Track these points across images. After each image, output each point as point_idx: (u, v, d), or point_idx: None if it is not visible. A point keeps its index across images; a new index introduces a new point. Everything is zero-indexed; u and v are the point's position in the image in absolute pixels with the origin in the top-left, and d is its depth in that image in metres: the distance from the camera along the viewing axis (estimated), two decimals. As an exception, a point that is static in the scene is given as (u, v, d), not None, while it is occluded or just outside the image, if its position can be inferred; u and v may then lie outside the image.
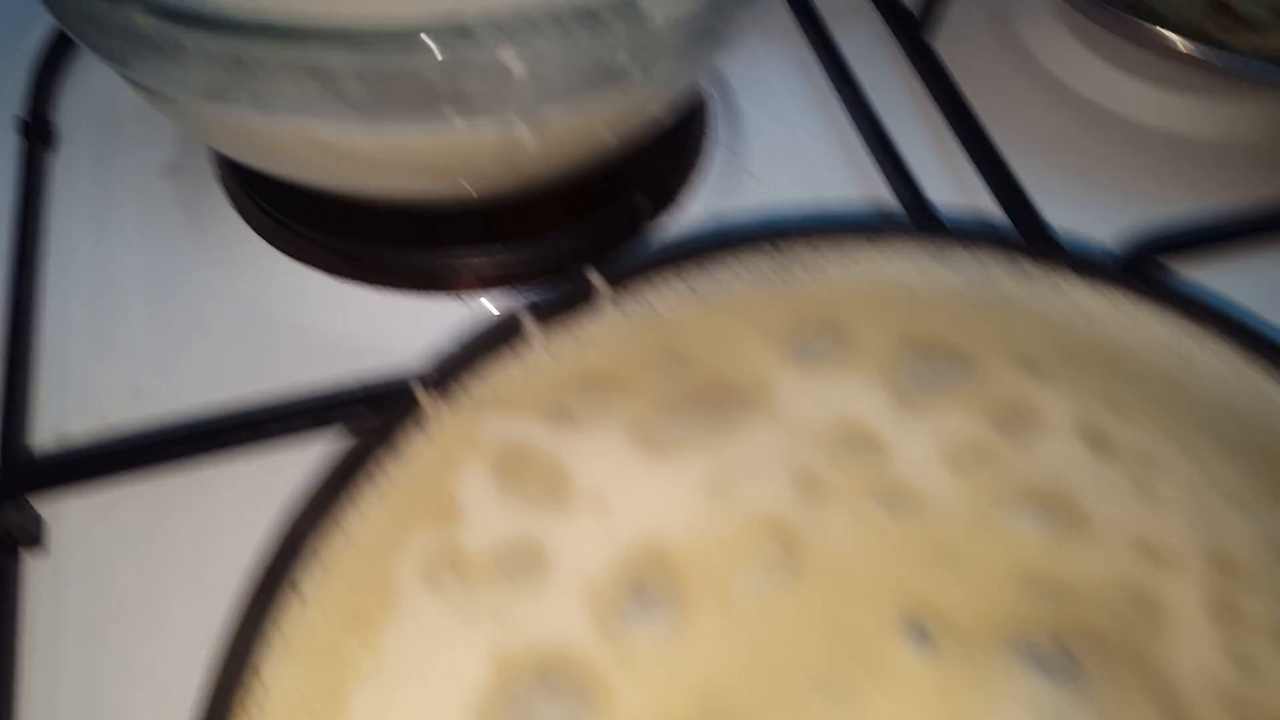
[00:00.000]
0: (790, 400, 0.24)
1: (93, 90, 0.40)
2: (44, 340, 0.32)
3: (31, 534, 0.27)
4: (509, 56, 0.23)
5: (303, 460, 0.24)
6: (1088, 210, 0.35)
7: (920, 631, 0.21)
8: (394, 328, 0.32)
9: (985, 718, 0.20)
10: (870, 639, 0.21)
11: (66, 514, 0.28)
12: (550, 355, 0.25)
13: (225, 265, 0.34)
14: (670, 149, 0.35)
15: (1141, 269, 0.31)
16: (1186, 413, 0.25)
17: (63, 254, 0.34)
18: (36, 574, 0.27)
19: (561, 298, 0.25)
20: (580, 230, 0.33)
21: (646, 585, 0.22)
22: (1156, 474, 0.24)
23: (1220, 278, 0.32)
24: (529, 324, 0.25)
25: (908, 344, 0.26)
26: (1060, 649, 0.21)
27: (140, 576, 0.27)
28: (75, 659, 0.26)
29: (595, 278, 0.25)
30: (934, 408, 0.24)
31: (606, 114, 0.26)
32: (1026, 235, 0.32)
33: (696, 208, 0.36)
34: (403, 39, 0.22)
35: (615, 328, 0.25)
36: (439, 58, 0.23)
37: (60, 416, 0.30)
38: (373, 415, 0.24)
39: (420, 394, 0.23)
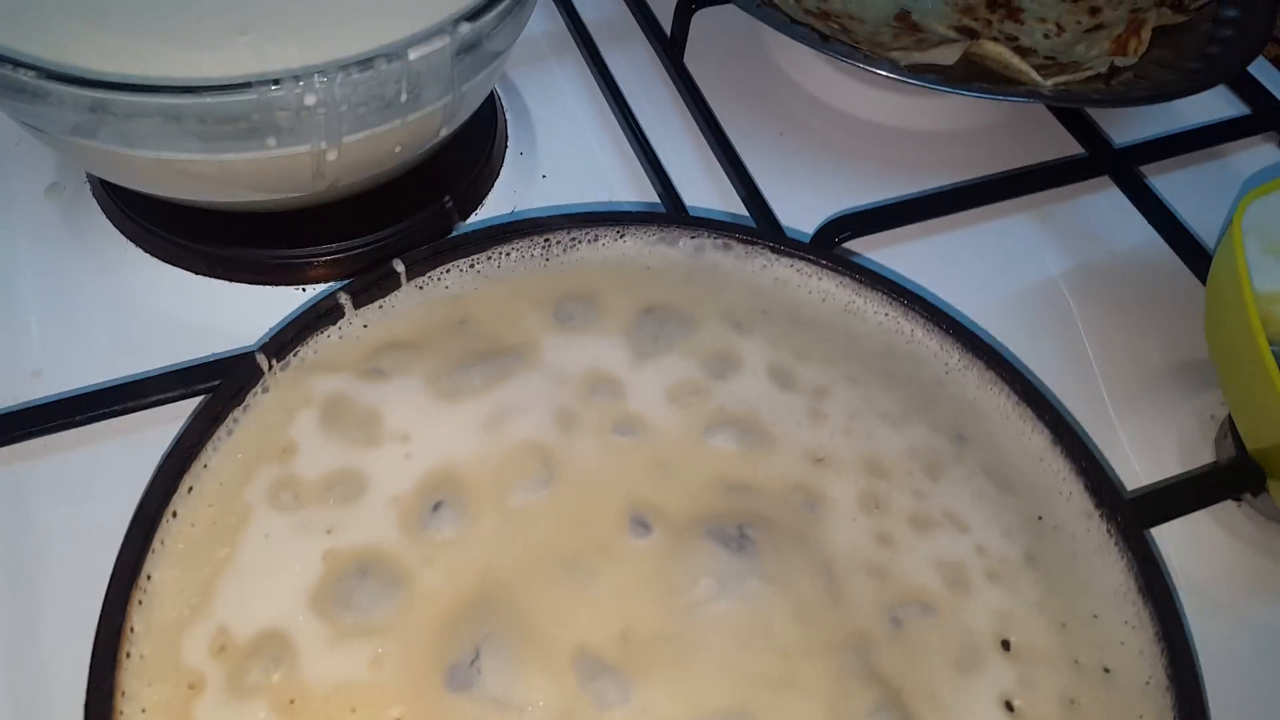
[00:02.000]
0: (554, 356, 0.33)
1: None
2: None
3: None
4: (309, 98, 0.31)
5: (175, 419, 0.32)
6: (812, 199, 0.45)
7: (642, 524, 0.30)
8: (244, 314, 0.40)
9: (682, 581, 0.29)
10: (606, 531, 0.30)
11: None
12: (364, 326, 0.33)
13: (102, 268, 0.41)
14: (473, 155, 0.44)
15: (826, 245, 0.41)
16: (856, 355, 0.35)
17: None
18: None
19: (372, 281, 0.33)
20: (400, 231, 0.41)
21: (442, 501, 0.30)
22: (828, 402, 0.34)
23: (889, 251, 0.43)
24: (346, 303, 0.33)
25: (645, 310, 0.35)
26: (740, 533, 0.30)
27: (52, 519, 0.34)
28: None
29: (398, 265, 0.33)
30: (662, 358, 0.34)
31: (396, 133, 0.34)
32: (759, 222, 0.42)
33: (497, 206, 0.45)
34: (231, 88, 0.30)
35: (415, 303, 0.34)
36: (257, 101, 0.30)
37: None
38: (226, 380, 0.31)
39: (262, 361, 0.31)
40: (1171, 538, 0.35)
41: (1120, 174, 0.46)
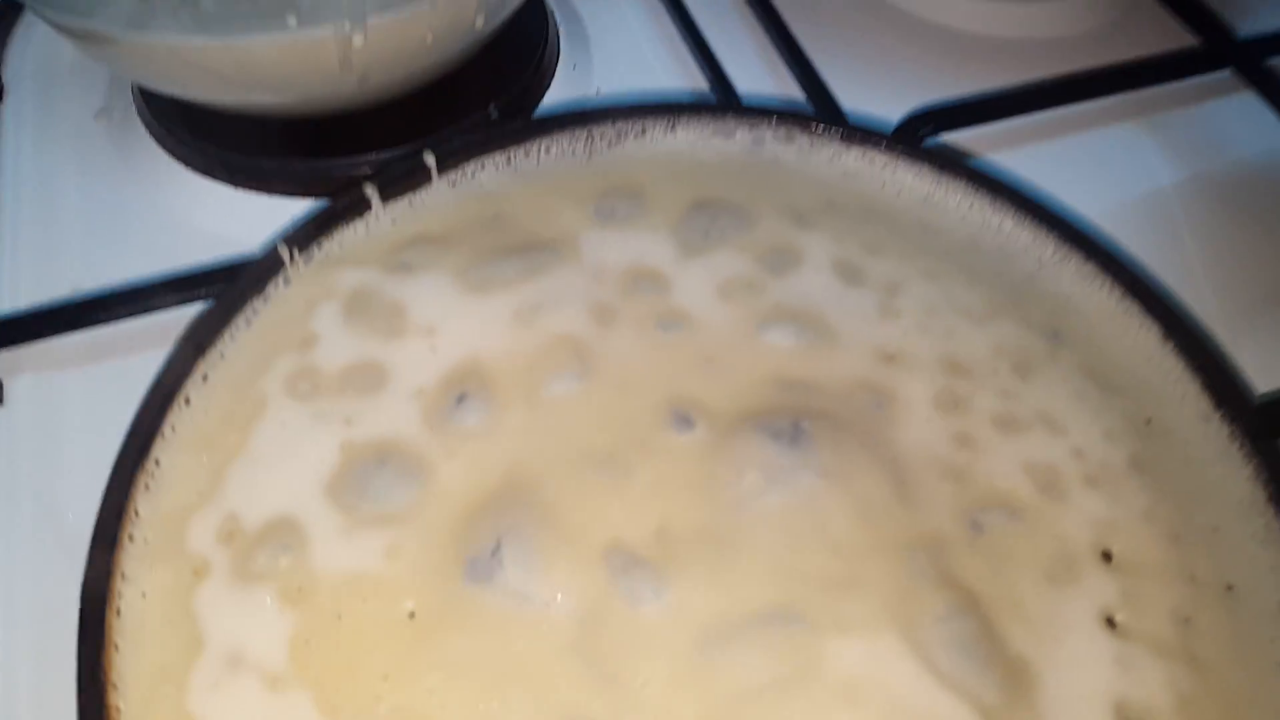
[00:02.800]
0: (593, 251, 0.32)
1: (33, 51, 0.48)
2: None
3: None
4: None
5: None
6: (875, 94, 0.42)
7: (685, 420, 0.28)
8: (281, 226, 0.38)
9: (727, 475, 0.27)
10: (644, 427, 0.28)
11: (19, 371, 0.35)
12: (392, 222, 0.32)
13: (146, 184, 0.41)
14: (519, 65, 0.42)
15: (903, 137, 0.38)
16: (934, 249, 0.32)
17: (10, 186, 0.42)
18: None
19: (401, 174, 0.32)
20: (438, 141, 0.39)
21: (467, 393, 0.29)
22: (901, 298, 0.31)
23: (977, 144, 0.40)
24: (373, 196, 0.32)
25: (696, 205, 0.33)
26: (794, 426, 0.27)
27: (82, 418, 0.34)
28: (31, 481, 0.33)
29: (429, 157, 0.32)
30: (713, 253, 0.32)
31: (426, 19, 0.33)
32: (821, 114, 0.39)
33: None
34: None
35: (447, 199, 0.33)
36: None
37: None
38: (246, 272, 0.30)
39: (284, 252, 0.30)
40: None
41: (1247, 68, 0.42)
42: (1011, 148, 0.41)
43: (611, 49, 0.47)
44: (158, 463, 0.28)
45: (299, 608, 0.25)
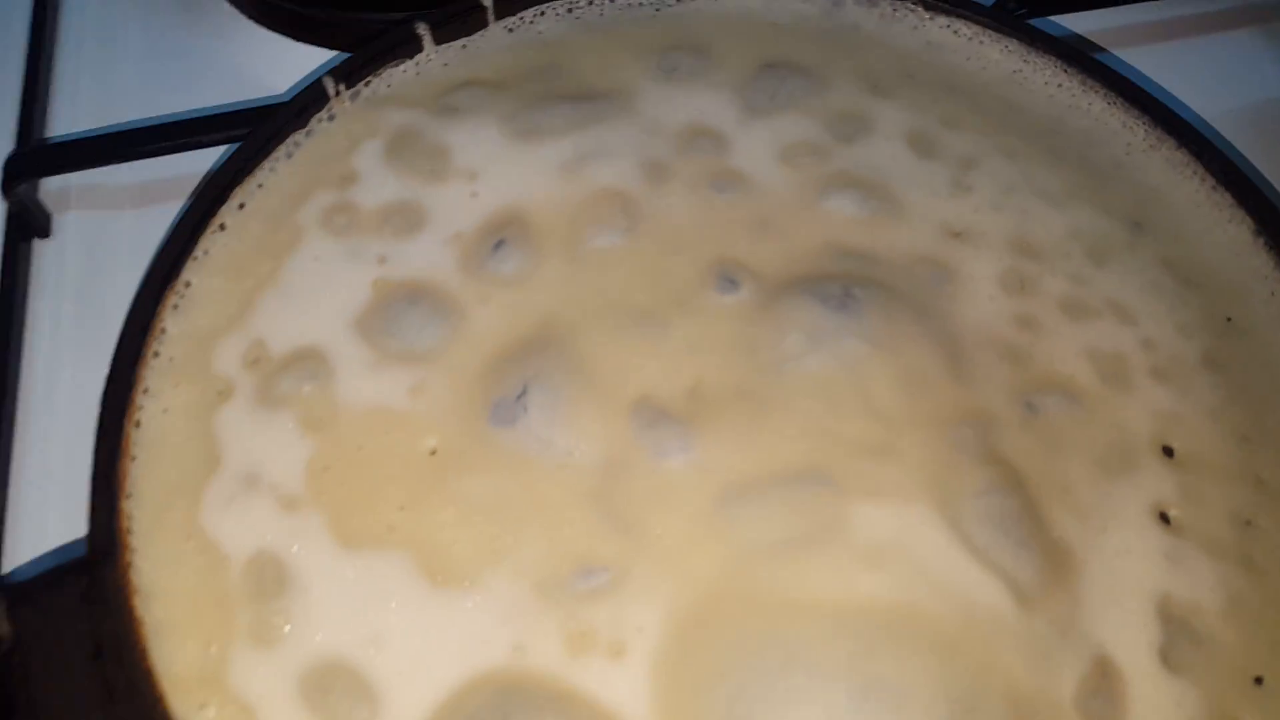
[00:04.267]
0: (649, 105, 0.31)
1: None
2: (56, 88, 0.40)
3: (40, 222, 0.35)
4: None
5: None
6: None
7: (730, 281, 0.28)
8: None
9: (769, 336, 0.26)
10: (687, 286, 0.28)
11: (68, 207, 0.36)
12: (443, 65, 0.32)
13: (205, 28, 0.42)
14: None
15: (995, 11, 0.36)
16: (1016, 127, 0.32)
17: (75, 22, 0.42)
18: (42, 258, 0.35)
19: (455, 14, 0.32)
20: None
21: (505, 240, 0.29)
22: (975, 174, 0.30)
23: (1077, 24, 0.38)
24: (425, 35, 0.32)
25: (765, 65, 0.32)
26: (845, 292, 0.27)
27: (125, 255, 0.34)
28: (74, 309, 0.34)
29: (487, 0, 0.31)
30: (778, 115, 0.31)
31: None
32: None
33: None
34: None
35: (502, 45, 0.33)
36: None
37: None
38: (289, 104, 0.31)
39: (329, 85, 0.30)
40: None
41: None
42: (1117, 44, 0.40)
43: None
44: (188, 284, 0.28)
45: (319, 435, 0.26)
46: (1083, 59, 0.32)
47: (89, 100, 0.40)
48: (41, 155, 0.37)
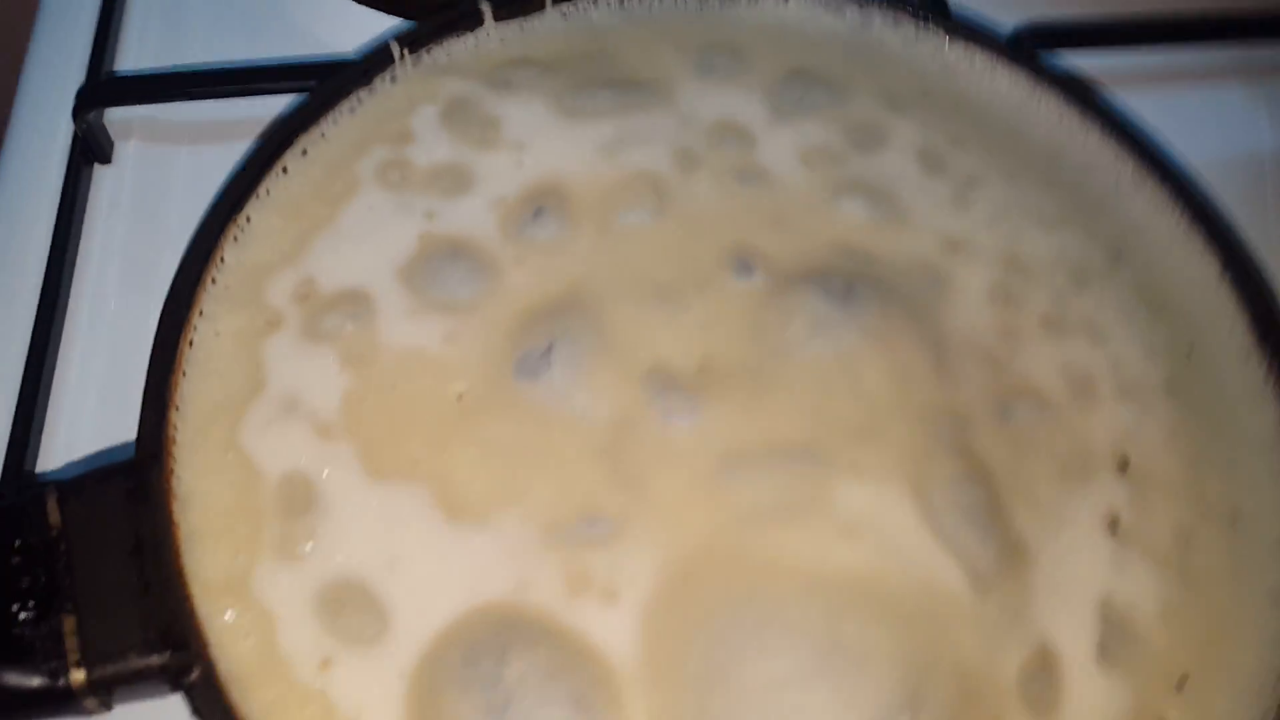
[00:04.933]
0: (687, 99, 0.30)
1: None
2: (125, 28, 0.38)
3: (104, 148, 0.34)
4: None
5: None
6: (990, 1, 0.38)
7: (746, 267, 0.27)
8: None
9: (776, 321, 0.26)
10: (707, 267, 0.27)
11: (130, 136, 0.35)
12: (500, 40, 0.31)
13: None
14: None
15: (1011, 45, 0.35)
16: (1019, 152, 0.31)
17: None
18: (101, 183, 0.34)
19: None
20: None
21: (544, 208, 0.28)
22: (977, 192, 0.29)
23: (1087, 74, 0.36)
24: (487, 12, 0.30)
25: (794, 73, 0.31)
26: (848, 287, 0.26)
27: (181, 188, 0.34)
28: (130, 234, 0.33)
29: (548, -15, 0.30)
30: (802, 120, 0.30)
31: None
32: (933, 7, 0.36)
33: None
34: None
35: (556, 29, 0.31)
36: None
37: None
38: (356, 63, 0.30)
39: (395, 49, 0.29)
40: None
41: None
42: (1121, 85, 0.38)
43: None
44: (248, 219, 0.27)
45: (358, 371, 0.25)
46: (1084, 95, 0.31)
47: (157, 41, 0.38)
48: (116, 85, 0.36)
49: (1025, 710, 0.21)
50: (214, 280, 0.26)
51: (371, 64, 0.30)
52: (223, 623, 0.22)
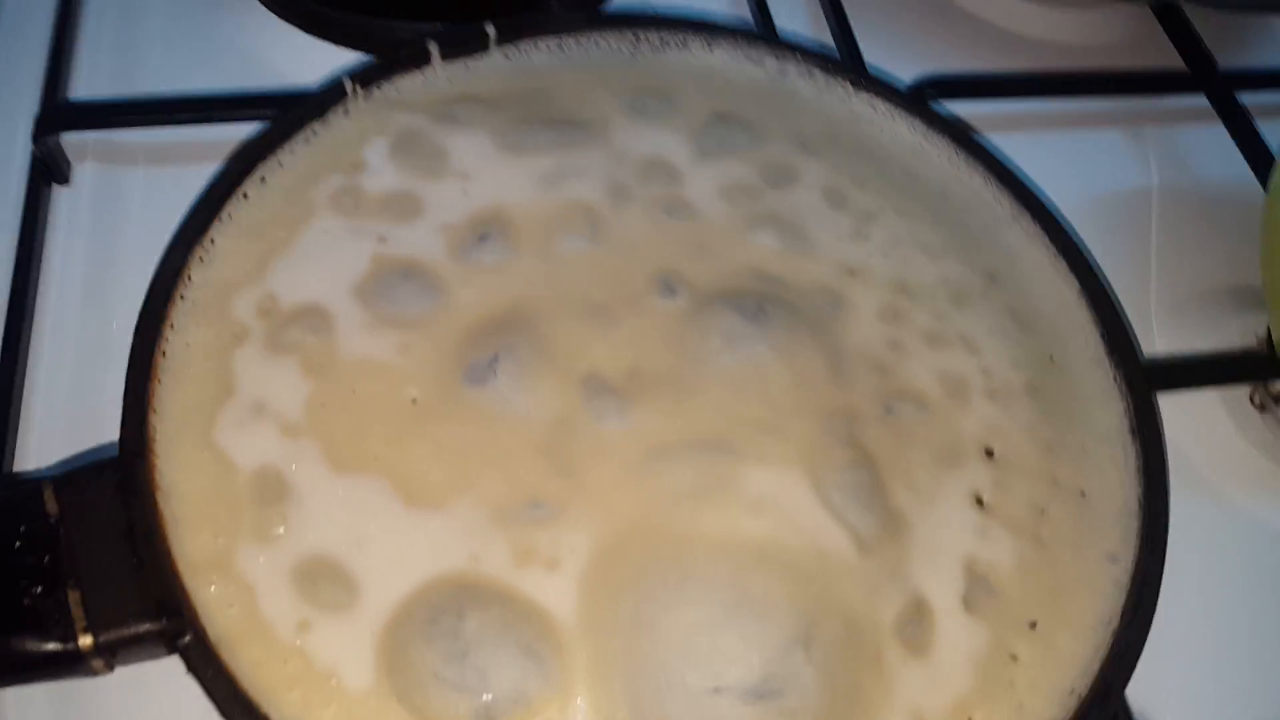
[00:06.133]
0: (619, 138, 0.37)
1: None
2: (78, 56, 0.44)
3: (61, 169, 0.39)
4: None
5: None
6: (896, 56, 0.47)
7: (670, 288, 0.34)
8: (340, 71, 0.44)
9: (696, 336, 0.32)
10: (636, 289, 0.34)
11: (86, 158, 0.40)
12: (447, 78, 0.37)
13: (228, 15, 0.46)
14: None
15: (909, 95, 0.43)
16: (911, 192, 0.38)
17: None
18: (59, 203, 0.40)
19: (462, 38, 0.37)
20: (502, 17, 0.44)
21: (489, 234, 0.34)
22: (873, 226, 0.37)
23: (976, 121, 0.45)
24: (434, 52, 0.37)
25: (717, 116, 0.38)
26: (759, 307, 0.33)
27: (138, 210, 0.40)
28: (89, 252, 0.38)
29: (490, 29, 0.37)
30: (723, 159, 0.37)
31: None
32: (842, 60, 0.45)
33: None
34: None
35: (499, 69, 0.38)
36: None
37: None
38: (312, 97, 0.36)
39: (347, 85, 0.35)
40: (1178, 417, 0.37)
41: (1219, 98, 0.48)
42: (1005, 130, 0.47)
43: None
44: (213, 241, 0.33)
45: (319, 377, 0.31)
46: (968, 142, 0.39)
47: (109, 68, 0.44)
48: (78, 110, 0.42)
49: (901, 648, 0.28)
50: (183, 296, 0.32)
51: (326, 98, 0.36)
52: (209, 594, 0.27)
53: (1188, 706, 0.35)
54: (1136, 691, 0.30)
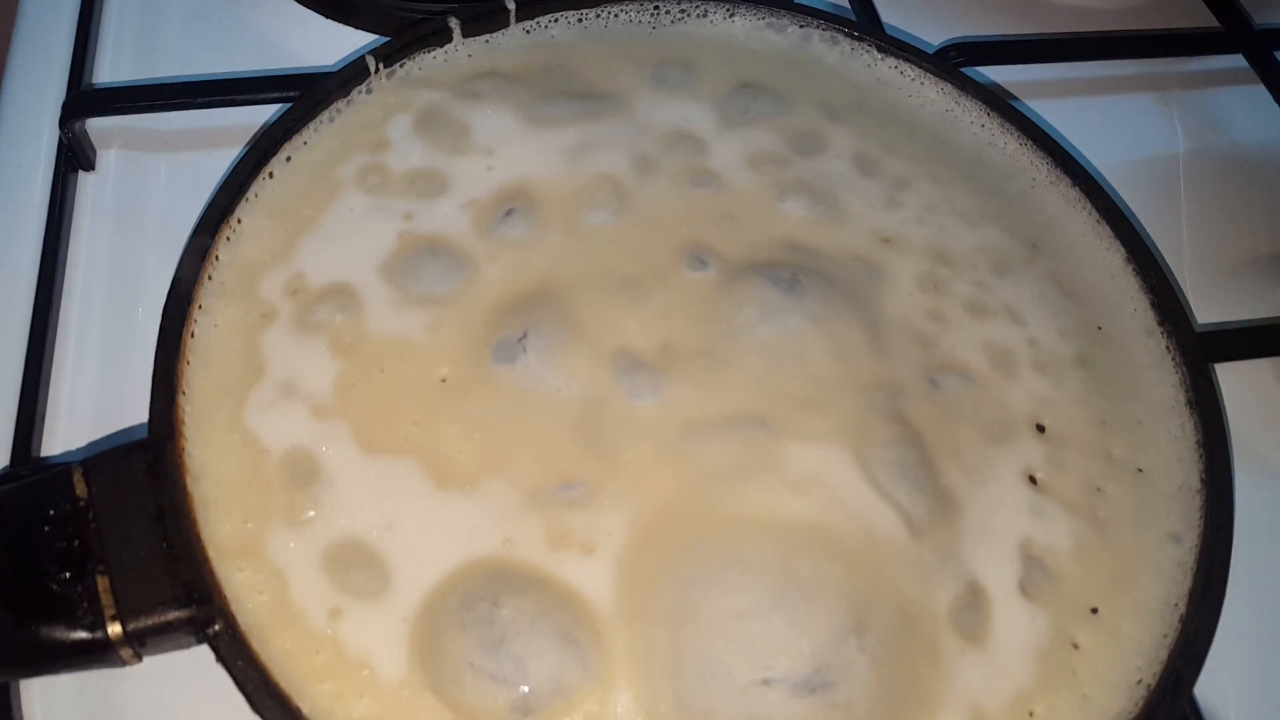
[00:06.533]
0: (643, 109, 0.36)
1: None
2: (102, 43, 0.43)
3: (87, 156, 0.38)
4: None
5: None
6: (921, 21, 0.45)
7: (700, 261, 0.33)
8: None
9: (728, 308, 0.31)
10: (665, 262, 0.33)
11: (110, 144, 0.40)
12: (468, 55, 0.36)
13: (249, 7, 0.45)
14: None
15: (936, 59, 0.41)
16: (944, 158, 0.37)
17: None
18: (85, 189, 0.39)
19: (483, 13, 0.36)
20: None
21: (515, 209, 0.33)
22: (906, 193, 0.35)
23: (1008, 88, 0.44)
24: (455, 29, 0.36)
25: (741, 85, 0.37)
26: (793, 277, 0.31)
27: (161, 194, 0.39)
28: (115, 237, 0.38)
29: (510, 2, 0.36)
30: (749, 128, 0.36)
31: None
32: (863, 22, 0.43)
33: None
34: None
35: (519, 44, 0.37)
36: None
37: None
38: (335, 75, 0.34)
39: (370, 62, 0.34)
40: (1230, 389, 0.35)
41: (1256, 56, 0.46)
42: (1038, 97, 0.45)
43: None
44: (240, 221, 0.32)
45: (348, 357, 0.30)
46: (1002, 105, 0.37)
47: (132, 54, 0.44)
48: (104, 96, 0.41)
49: (958, 636, 0.27)
50: (210, 277, 0.31)
51: (349, 77, 0.35)
52: (238, 580, 0.26)
53: (1254, 702, 0.33)
54: (1200, 685, 0.28)
